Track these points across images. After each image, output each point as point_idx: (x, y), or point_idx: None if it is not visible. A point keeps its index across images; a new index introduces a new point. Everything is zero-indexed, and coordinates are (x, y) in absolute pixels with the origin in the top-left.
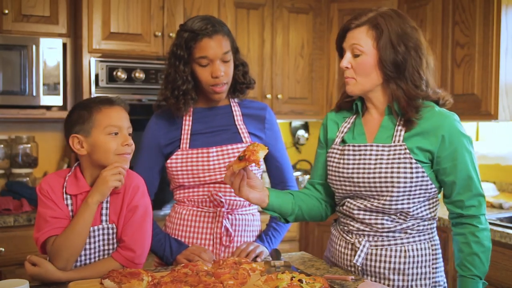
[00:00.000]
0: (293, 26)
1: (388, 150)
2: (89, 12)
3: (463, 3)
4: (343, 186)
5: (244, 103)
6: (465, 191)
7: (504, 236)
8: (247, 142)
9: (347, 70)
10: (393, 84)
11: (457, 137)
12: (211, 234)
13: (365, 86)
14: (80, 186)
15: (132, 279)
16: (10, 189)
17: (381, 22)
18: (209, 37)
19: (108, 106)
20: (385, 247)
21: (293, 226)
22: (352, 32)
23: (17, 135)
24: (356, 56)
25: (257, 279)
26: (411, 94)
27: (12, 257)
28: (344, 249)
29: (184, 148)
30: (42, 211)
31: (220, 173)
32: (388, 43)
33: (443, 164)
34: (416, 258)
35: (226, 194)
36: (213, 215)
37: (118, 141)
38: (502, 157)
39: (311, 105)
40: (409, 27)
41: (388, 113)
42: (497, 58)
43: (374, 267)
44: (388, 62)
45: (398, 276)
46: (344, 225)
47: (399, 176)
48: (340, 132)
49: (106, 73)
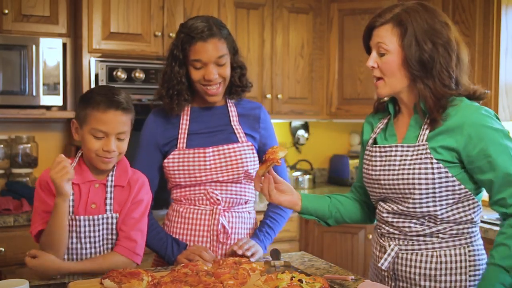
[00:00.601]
0: (293, 26)
1: (412, 150)
2: (89, 12)
3: (463, 3)
4: (373, 189)
5: (241, 104)
6: (506, 188)
7: None
8: (243, 142)
9: (374, 70)
10: (420, 83)
11: (486, 132)
12: (208, 231)
13: (394, 87)
14: (84, 176)
15: (132, 279)
16: (10, 189)
17: (406, 18)
18: (203, 41)
19: (104, 109)
20: (415, 251)
21: (293, 226)
22: (378, 30)
23: (17, 135)
24: (382, 55)
25: (257, 279)
26: (439, 93)
27: (12, 257)
28: (378, 252)
29: (181, 147)
30: (36, 204)
31: (216, 172)
32: (413, 40)
33: (476, 162)
34: (449, 264)
35: (222, 193)
36: (210, 213)
37: (101, 144)
38: None
39: (311, 105)
40: (438, 22)
41: (416, 112)
42: (497, 58)
43: (405, 272)
44: (413, 61)
45: (429, 283)
46: (378, 228)
47: (420, 178)
48: (374, 133)
49: (106, 73)
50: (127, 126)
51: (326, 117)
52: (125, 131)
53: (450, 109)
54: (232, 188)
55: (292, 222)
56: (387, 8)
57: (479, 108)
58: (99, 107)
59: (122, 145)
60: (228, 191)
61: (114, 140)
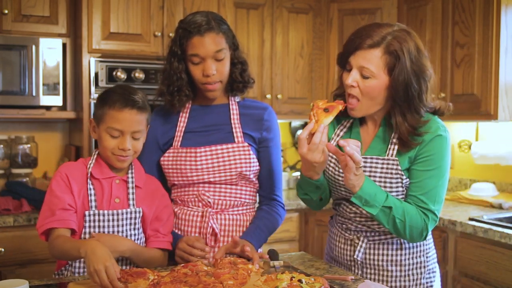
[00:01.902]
0: (293, 26)
1: (382, 163)
2: (89, 12)
3: (463, 3)
4: (339, 191)
5: (245, 103)
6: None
7: (504, 236)
8: (239, 142)
9: (352, 88)
10: (399, 114)
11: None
12: (199, 233)
13: (369, 109)
14: (104, 172)
15: (138, 278)
16: (9, 189)
17: (398, 48)
18: (200, 35)
19: (119, 108)
20: (382, 241)
21: (293, 226)
22: (364, 52)
23: (17, 135)
24: (365, 78)
25: (257, 279)
26: (413, 124)
27: (12, 257)
28: (343, 245)
29: (176, 146)
30: (48, 199)
31: (208, 173)
32: (402, 73)
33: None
34: (411, 249)
35: (215, 194)
36: (202, 215)
37: (116, 142)
38: (502, 157)
39: None
40: (422, 53)
41: (384, 125)
42: (497, 58)
43: (373, 260)
44: (400, 91)
45: (395, 267)
46: (342, 223)
47: (392, 190)
48: (335, 134)
49: (106, 73)
50: (142, 125)
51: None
52: (140, 130)
53: (424, 136)
54: (225, 190)
55: (292, 222)
56: (372, 29)
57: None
58: (115, 106)
59: (137, 144)
60: (221, 193)
61: (130, 138)
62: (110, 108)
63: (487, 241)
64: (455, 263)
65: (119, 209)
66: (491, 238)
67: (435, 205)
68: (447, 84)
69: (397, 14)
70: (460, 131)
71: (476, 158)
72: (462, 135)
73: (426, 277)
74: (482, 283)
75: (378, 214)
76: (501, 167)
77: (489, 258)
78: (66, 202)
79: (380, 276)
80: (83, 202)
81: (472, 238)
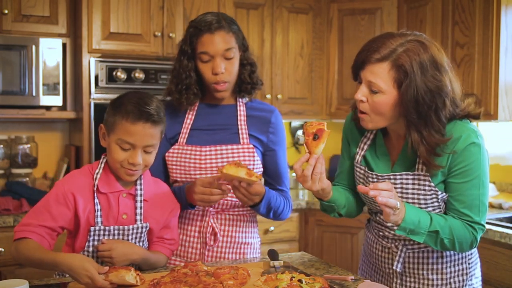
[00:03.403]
0: (293, 26)
1: (413, 179)
2: (88, 12)
3: (463, 3)
4: (375, 204)
5: (253, 104)
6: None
7: (504, 236)
8: (244, 144)
9: (361, 104)
10: (414, 131)
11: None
12: (199, 232)
13: (379, 123)
14: (111, 186)
15: (120, 268)
16: (9, 189)
17: (406, 62)
18: (210, 33)
19: (132, 121)
20: (422, 249)
21: (293, 227)
22: (372, 66)
23: (16, 135)
24: (374, 92)
25: (257, 279)
26: (432, 142)
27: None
28: (381, 252)
29: (181, 143)
30: (42, 211)
31: (212, 172)
32: (411, 88)
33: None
34: (452, 257)
35: None
36: (202, 214)
37: (127, 155)
38: (502, 157)
39: (311, 105)
40: (437, 65)
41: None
42: (497, 58)
43: (412, 269)
44: (411, 107)
45: (436, 276)
46: (379, 230)
47: (427, 207)
48: (360, 148)
49: (106, 73)
50: (156, 139)
51: (325, 117)
52: (153, 144)
53: (456, 146)
54: None
55: (292, 222)
56: (382, 41)
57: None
58: (128, 117)
59: (149, 158)
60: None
61: (141, 152)
62: (123, 119)
63: (487, 241)
64: None
65: (125, 225)
66: (491, 238)
67: (480, 215)
68: None
69: (397, 14)
70: None
71: None
72: None
73: (468, 284)
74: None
75: (425, 240)
76: (501, 167)
77: (489, 258)
78: (57, 224)
79: (420, 284)
80: (88, 217)
81: None
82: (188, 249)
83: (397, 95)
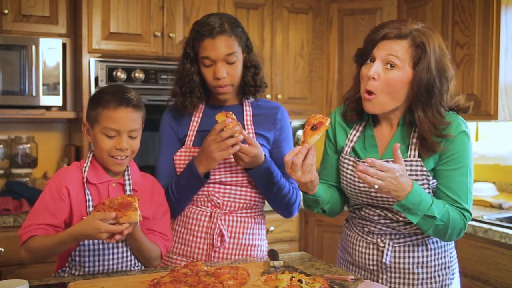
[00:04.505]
0: (293, 26)
1: (405, 165)
2: (88, 12)
3: (463, 3)
4: (359, 197)
5: (259, 103)
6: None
7: (504, 236)
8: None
9: (371, 82)
10: (420, 110)
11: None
12: (206, 233)
13: (387, 106)
14: (100, 176)
15: (127, 212)
16: (9, 189)
17: (425, 42)
18: (212, 38)
19: (114, 107)
20: (407, 243)
21: (293, 227)
22: (391, 42)
23: (16, 135)
24: (390, 67)
25: (257, 279)
26: (435, 123)
27: (12, 257)
28: (365, 249)
29: (188, 145)
30: (40, 210)
31: (220, 173)
32: (426, 67)
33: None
34: (436, 250)
35: (224, 196)
36: (210, 215)
37: (113, 143)
38: (501, 157)
39: (311, 105)
40: (442, 49)
41: (402, 124)
42: (497, 58)
43: (399, 263)
44: (422, 87)
45: (421, 269)
46: (363, 226)
47: None
48: (348, 140)
49: (106, 73)
50: (138, 124)
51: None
52: (137, 129)
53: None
54: (235, 191)
55: (292, 222)
56: (400, 22)
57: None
58: (109, 106)
59: (134, 144)
60: (230, 195)
61: (127, 138)
62: (105, 108)
63: (487, 241)
64: None
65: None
66: (491, 238)
67: (468, 203)
68: None
69: (397, 14)
70: None
71: (476, 158)
72: None
73: (450, 277)
74: (482, 283)
75: (418, 222)
76: (501, 167)
77: (489, 258)
78: (58, 219)
79: (406, 279)
80: (80, 208)
81: (472, 238)
82: (194, 250)
83: (411, 73)
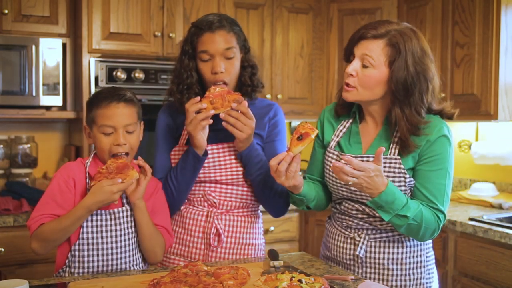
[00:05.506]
0: (293, 26)
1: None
2: (88, 12)
3: (463, 3)
4: (340, 191)
5: (254, 103)
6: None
7: (504, 236)
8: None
9: (350, 78)
10: (398, 108)
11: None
12: (203, 233)
13: (362, 97)
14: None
15: (128, 172)
16: (9, 189)
17: (400, 42)
18: (211, 32)
19: (106, 104)
20: (383, 239)
21: (293, 227)
22: (367, 42)
23: (16, 135)
24: (365, 67)
25: (257, 279)
26: (413, 122)
27: (12, 257)
28: (343, 243)
29: (181, 144)
30: (47, 201)
31: (215, 171)
32: (403, 66)
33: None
34: (412, 248)
35: (221, 195)
36: (207, 215)
37: (111, 140)
38: (501, 157)
39: (311, 105)
40: (425, 52)
41: (386, 123)
42: (497, 58)
43: (374, 259)
44: (399, 85)
45: (396, 266)
46: (342, 220)
47: None
48: (335, 135)
49: (106, 73)
50: (133, 118)
51: None
52: (132, 123)
53: (429, 136)
54: (231, 190)
55: (292, 222)
56: (380, 23)
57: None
58: (102, 104)
59: (132, 139)
60: (227, 194)
61: (123, 133)
62: (98, 108)
63: (487, 241)
64: (455, 263)
65: (115, 208)
66: (491, 238)
67: (444, 205)
68: (447, 84)
69: (397, 14)
70: (460, 131)
71: (476, 158)
72: (462, 135)
73: (425, 277)
74: (482, 283)
75: (391, 220)
76: (501, 167)
77: (489, 258)
78: (64, 211)
79: (380, 275)
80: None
81: (472, 238)
82: (192, 250)
83: (387, 73)
